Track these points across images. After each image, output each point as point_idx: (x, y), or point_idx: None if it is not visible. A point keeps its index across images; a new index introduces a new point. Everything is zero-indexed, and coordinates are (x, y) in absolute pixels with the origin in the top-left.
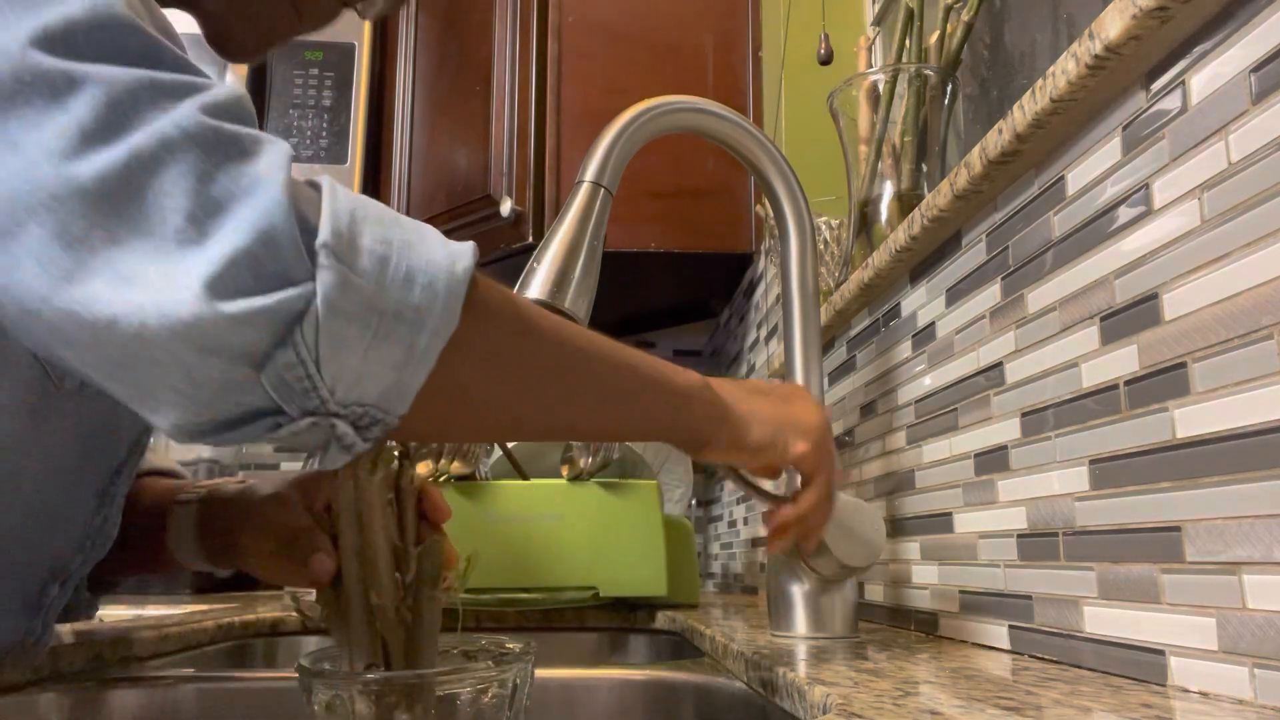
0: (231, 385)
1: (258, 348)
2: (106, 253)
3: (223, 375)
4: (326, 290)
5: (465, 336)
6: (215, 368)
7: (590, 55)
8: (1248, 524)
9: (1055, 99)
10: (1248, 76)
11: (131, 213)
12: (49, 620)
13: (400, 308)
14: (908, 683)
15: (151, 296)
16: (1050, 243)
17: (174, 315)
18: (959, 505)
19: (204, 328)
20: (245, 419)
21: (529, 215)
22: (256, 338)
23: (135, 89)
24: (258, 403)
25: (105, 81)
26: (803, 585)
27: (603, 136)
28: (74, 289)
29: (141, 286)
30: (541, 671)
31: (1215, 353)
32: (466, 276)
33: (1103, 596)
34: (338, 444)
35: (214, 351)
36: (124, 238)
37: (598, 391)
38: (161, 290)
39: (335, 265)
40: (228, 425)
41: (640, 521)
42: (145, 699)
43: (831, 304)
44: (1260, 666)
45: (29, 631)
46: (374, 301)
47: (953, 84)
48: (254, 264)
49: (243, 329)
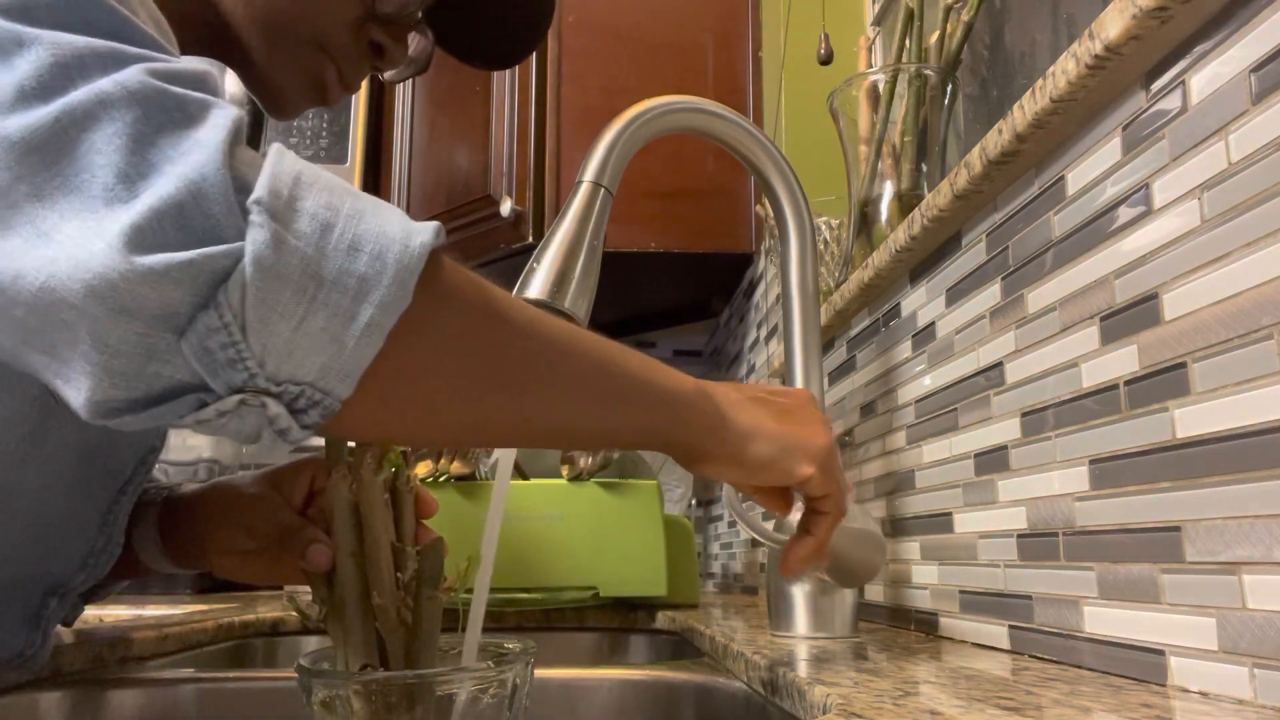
0: (148, 353)
1: (177, 309)
2: (29, 209)
3: (139, 340)
4: (256, 248)
5: (422, 318)
6: (130, 330)
7: (590, 55)
8: (1248, 524)
9: (1055, 99)
10: (1248, 76)
11: (59, 167)
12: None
13: (341, 276)
14: (908, 683)
15: (66, 250)
16: (1050, 243)
17: (85, 267)
18: (959, 505)
19: (115, 281)
20: (165, 395)
21: (529, 215)
22: (176, 296)
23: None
24: (179, 375)
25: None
26: (803, 585)
27: (603, 136)
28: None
29: (58, 241)
30: (541, 671)
31: (1215, 353)
32: (422, 252)
33: (1103, 596)
34: (270, 428)
35: (128, 311)
36: (49, 194)
37: (577, 392)
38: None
39: (268, 223)
40: (146, 402)
41: (640, 521)
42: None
43: (831, 304)
44: (1260, 666)
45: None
46: (310, 266)
47: (953, 84)
48: (179, 218)
49: (160, 285)
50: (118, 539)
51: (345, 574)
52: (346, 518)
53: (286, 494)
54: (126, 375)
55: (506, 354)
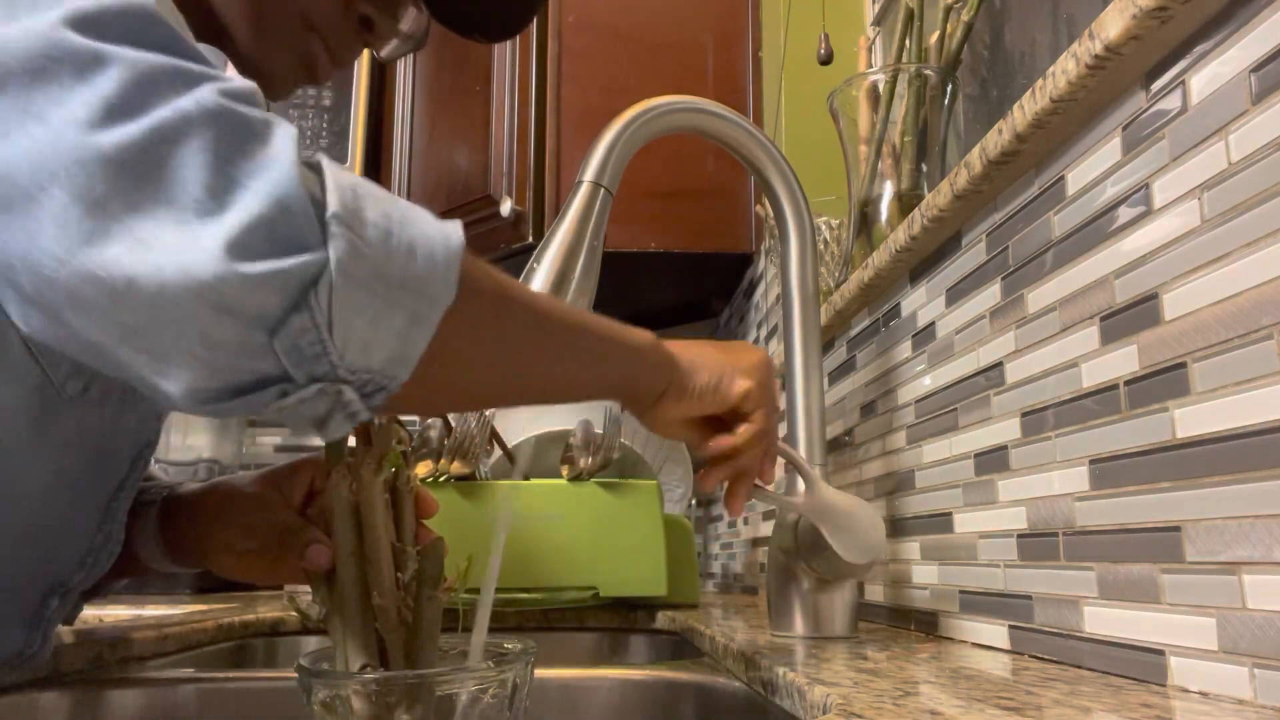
0: (245, 349)
1: (273, 311)
2: (127, 218)
3: (238, 338)
4: (339, 256)
5: (458, 307)
6: (231, 330)
7: (590, 55)
8: (1248, 524)
9: (1055, 99)
10: (1248, 76)
11: (152, 181)
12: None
13: (405, 277)
14: (908, 683)
15: (172, 258)
16: (1050, 243)
17: (194, 275)
18: (959, 505)
19: (222, 288)
20: (255, 385)
21: (529, 215)
22: (273, 300)
23: (158, 71)
24: (268, 369)
25: (130, 61)
26: (802, 585)
27: (603, 136)
28: (93, 251)
29: (161, 250)
30: (541, 671)
31: (1215, 353)
32: (460, 250)
33: (1103, 596)
34: (343, 411)
35: (231, 313)
36: (144, 205)
37: (568, 356)
38: (181, 252)
39: (346, 234)
40: (237, 392)
41: (640, 521)
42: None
43: (831, 304)
44: (1260, 666)
45: (28, 644)
46: (381, 270)
47: (953, 84)
48: (270, 231)
49: (260, 290)
50: (117, 536)
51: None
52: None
53: (286, 494)
54: (223, 369)
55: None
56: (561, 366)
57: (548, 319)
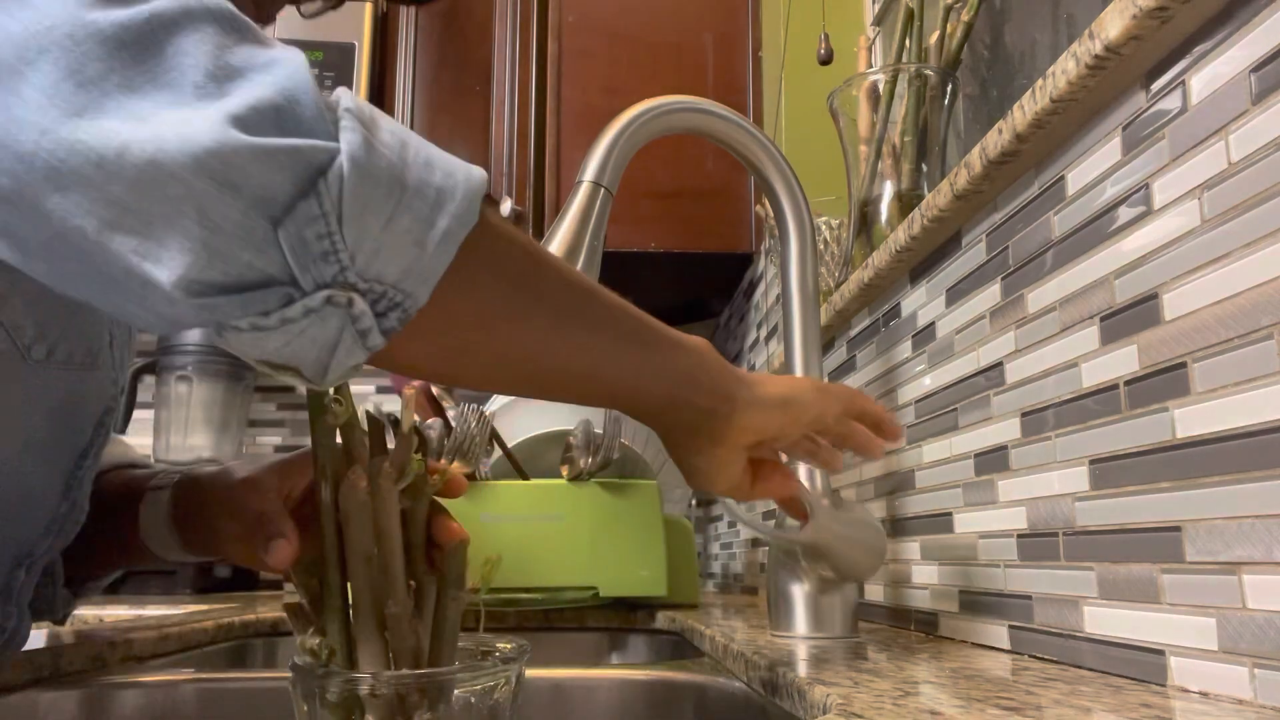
0: (247, 235)
1: (279, 194)
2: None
3: (240, 218)
4: (353, 148)
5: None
6: (233, 207)
7: (590, 55)
8: (1248, 524)
9: (1055, 99)
10: (1248, 76)
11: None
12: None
13: (422, 185)
14: (908, 683)
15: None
16: (1050, 243)
17: (195, 140)
18: (959, 505)
19: (226, 155)
20: (256, 284)
21: (529, 215)
22: (279, 180)
23: None
24: (271, 268)
25: None
26: (803, 585)
27: (603, 136)
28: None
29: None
30: (541, 671)
31: (1215, 353)
32: (483, 182)
33: (1103, 596)
34: (353, 327)
35: (233, 186)
36: (140, 85)
37: (608, 328)
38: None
39: (359, 128)
40: (238, 287)
41: (640, 521)
42: (145, 699)
43: (831, 304)
44: (1260, 666)
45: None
46: (396, 171)
47: (953, 84)
48: (276, 115)
49: (266, 164)
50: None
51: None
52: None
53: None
54: (223, 255)
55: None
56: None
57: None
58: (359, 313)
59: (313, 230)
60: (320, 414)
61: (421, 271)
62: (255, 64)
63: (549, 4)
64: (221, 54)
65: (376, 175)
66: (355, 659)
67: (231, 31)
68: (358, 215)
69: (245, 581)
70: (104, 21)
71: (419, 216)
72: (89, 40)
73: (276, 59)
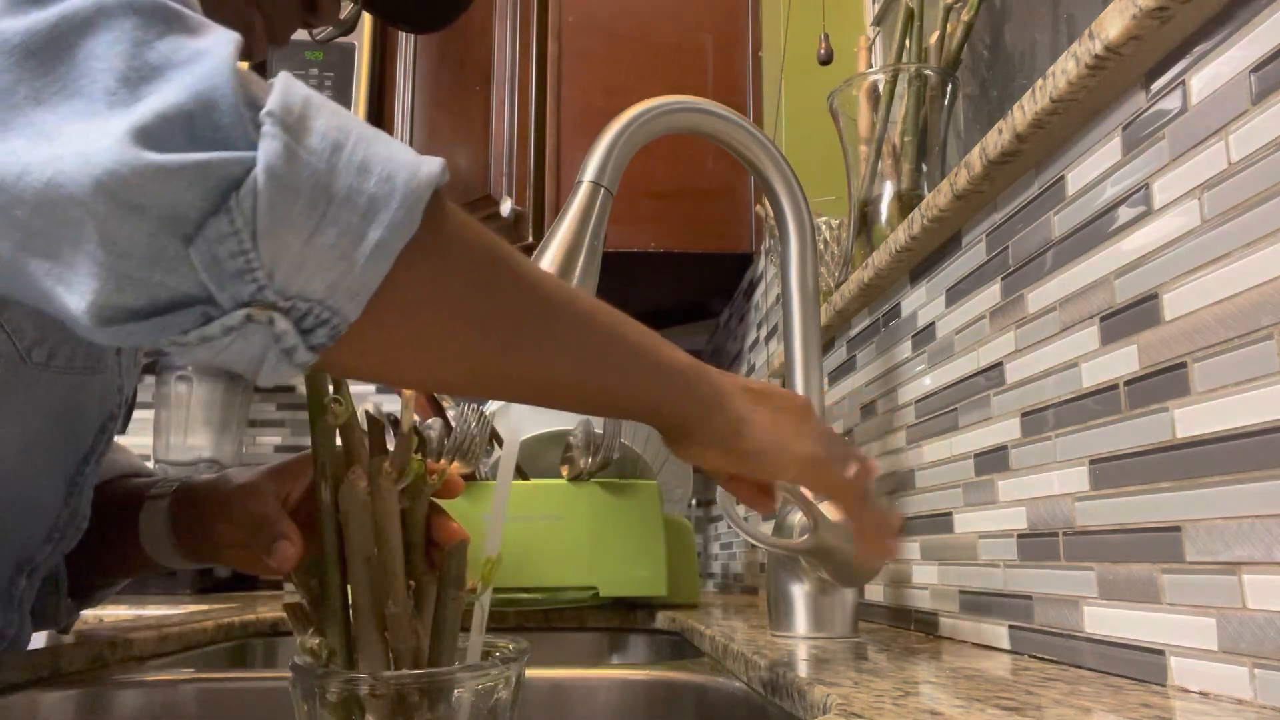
0: (157, 257)
1: (187, 211)
2: (29, 110)
3: (148, 241)
4: (269, 159)
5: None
6: (138, 229)
7: (590, 55)
8: (1248, 524)
9: (1055, 99)
10: (1248, 76)
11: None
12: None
13: (351, 194)
14: (908, 683)
15: (71, 147)
16: (1050, 243)
17: (94, 162)
18: (959, 505)
19: (126, 176)
20: (171, 305)
21: (529, 215)
22: (186, 198)
23: None
24: (186, 286)
25: None
26: (803, 585)
27: (603, 136)
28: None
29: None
30: (541, 671)
31: (1215, 353)
32: (430, 181)
33: (1103, 596)
34: (276, 347)
35: (137, 208)
36: (48, 97)
37: (574, 348)
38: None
39: (281, 135)
40: (151, 311)
41: (640, 521)
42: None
43: (831, 304)
44: (1260, 666)
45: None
46: (321, 181)
47: (953, 84)
48: (188, 124)
49: (171, 182)
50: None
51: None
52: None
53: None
54: (133, 279)
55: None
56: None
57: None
58: (281, 331)
59: (225, 248)
60: (320, 414)
61: (350, 287)
62: (176, 60)
63: (549, 4)
64: (139, 52)
65: (296, 186)
66: (355, 659)
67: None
68: (273, 231)
69: (245, 582)
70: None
71: (346, 229)
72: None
73: (200, 52)
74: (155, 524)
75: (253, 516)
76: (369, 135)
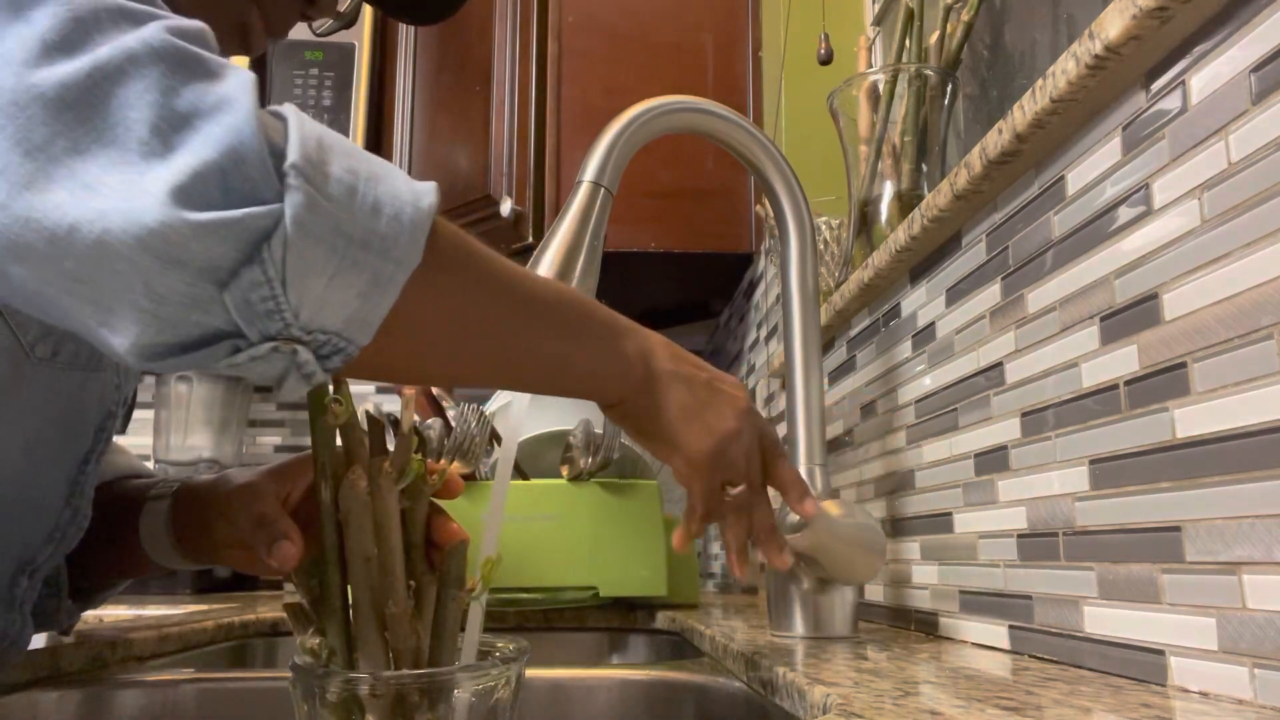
0: (194, 302)
1: (224, 263)
2: (69, 161)
3: (186, 290)
4: (296, 210)
5: (424, 273)
6: (179, 280)
7: (590, 55)
8: (1248, 524)
9: (1055, 99)
10: (1248, 76)
11: (95, 122)
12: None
13: (368, 236)
14: (908, 683)
15: (115, 204)
16: (1050, 243)
17: (139, 221)
18: (959, 505)
19: (169, 235)
20: (205, 340)
21: (529, 215)
22: (223, 251)
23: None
24: (218, 324)
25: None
26: (803, 585)
27: (603, 136)
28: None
29: (104, 194)
30: (541, 671)
31: (1215, 353)
32: (430, 212)
33: (1103, 596)
34: (298, 372)
35: (178, 263)
36: (86, 146)
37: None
38: (126, 198)
39: (305, 187)
40: (187, 347)
41: (640, 521)
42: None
43: (831, 304)
44: (1260, 666)
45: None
46: (342, 226)
47: (953, 84)
48: (221, 179)
49: (209, 240)
50: (85, 511)
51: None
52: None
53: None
54: (172, 322)
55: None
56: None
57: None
58: (303, 360)
59: (257, 294)
60: (320, 414)
61: (364, 319)
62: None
63: (549, 4)
64: (168, 100)
65: (320, 235)
66: (355, 659)
67: (178, 70)
68: (300, 276)
69: (245, 582)
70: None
71: (363, 269)
72: (33, 104)
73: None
74: (155, 525)
75: (253, 516)
76: (377, 172)
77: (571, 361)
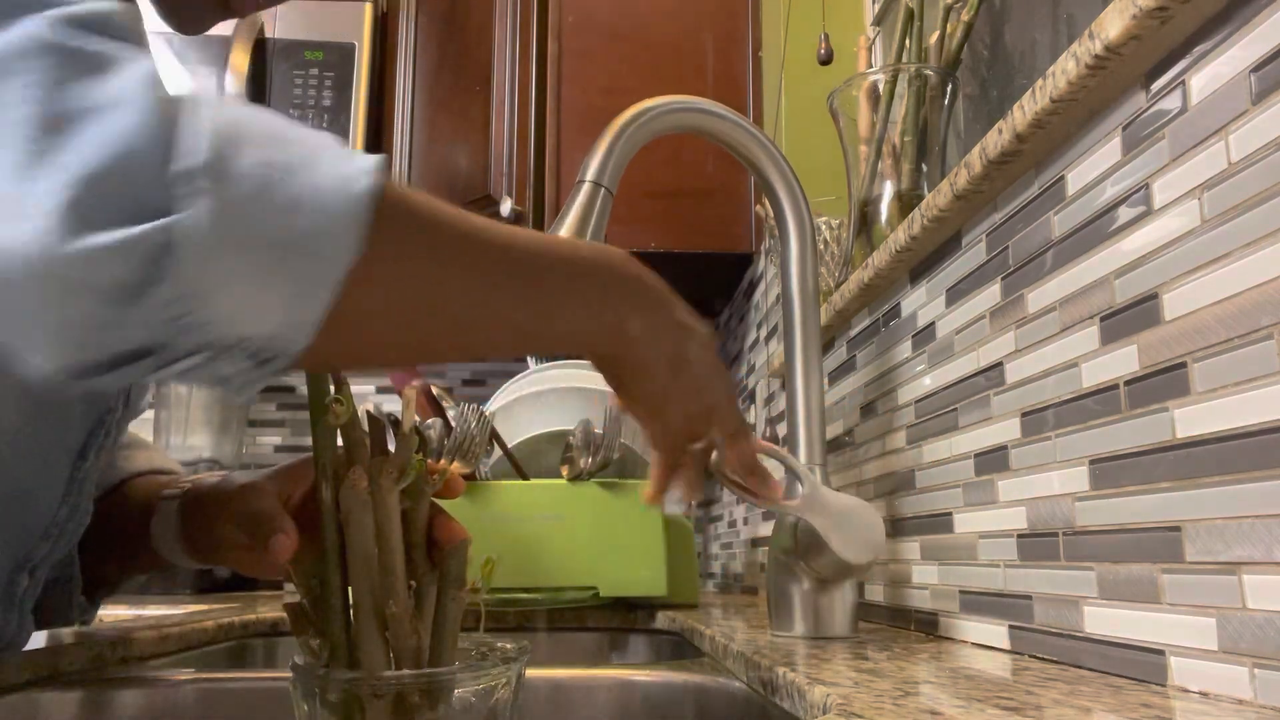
0: (105, 325)
1: (127, 283)
2: None
3: (96, 314)
4: (199, 219)
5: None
6: (85, 305)
7: (590, 55)
8: (1248, 524)
9: (1055, 99)
10: (1248, 76)
11: None
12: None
13: (287, 236)
14: (908, 683)
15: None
16: (1050, 243)
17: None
18: (959, 505)
19: (57, 267)
20: (132, 356)
21: (529, 215)
22: (124, 273)
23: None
24: (140, 340)
25: None
26: (803, 585)
27: (603, 136)
28: None
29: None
30: (541, 671)
31: (1215, 353)
32: (367, 198)
33: (1103, 596)
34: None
35: (78, 291)
36: None
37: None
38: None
39: (206, 191)
40: (115, 364)
41: (640, 521)
42: (145, 699)
43: (831, 304)
44: (1260, 666)
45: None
46: (254, 230)
47: (953, 84)
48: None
49: (104, 264)
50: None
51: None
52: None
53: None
54: (91, 345)
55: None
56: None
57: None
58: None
59: (169, 311)
60: (321, 414)
61: (295, 322)
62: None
63: (549, 4)
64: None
65: (231, 242)
66: (355, 659)
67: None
68: (214, 288)
69: (245, 582)
70: None
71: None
72: None
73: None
74: (166, 525)
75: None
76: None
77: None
